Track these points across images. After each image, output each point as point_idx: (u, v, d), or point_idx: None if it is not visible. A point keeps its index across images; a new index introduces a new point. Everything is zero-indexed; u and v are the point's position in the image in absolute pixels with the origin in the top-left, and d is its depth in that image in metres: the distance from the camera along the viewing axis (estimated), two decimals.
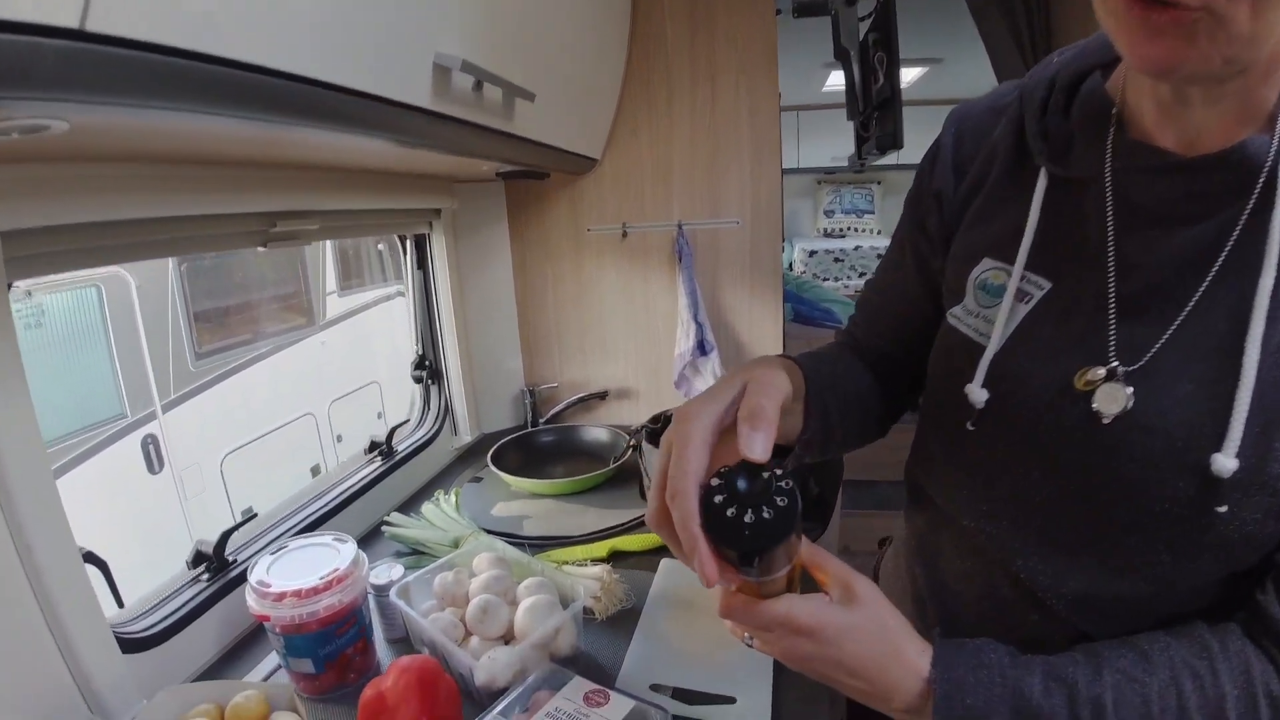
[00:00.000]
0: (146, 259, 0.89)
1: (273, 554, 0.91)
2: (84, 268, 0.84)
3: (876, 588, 0.55)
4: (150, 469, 3.28)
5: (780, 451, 0.68)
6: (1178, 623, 0.53)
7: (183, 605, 0.95)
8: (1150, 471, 0.50)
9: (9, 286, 0.72)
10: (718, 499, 0.45)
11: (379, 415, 4.26)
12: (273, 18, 0.54)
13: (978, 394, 0.59)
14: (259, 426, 3.79)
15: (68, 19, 0.38)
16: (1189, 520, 0.49)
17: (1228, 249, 0.48)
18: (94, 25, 0.39)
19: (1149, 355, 0.50)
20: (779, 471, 0.46)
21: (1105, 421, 0.51)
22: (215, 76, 0.51)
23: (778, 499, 0.45)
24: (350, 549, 0.90)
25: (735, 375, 0.54)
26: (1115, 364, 0.51)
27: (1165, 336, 0.50)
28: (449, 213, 1.54)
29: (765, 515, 0.44)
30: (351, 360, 4.39)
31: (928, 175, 0.69)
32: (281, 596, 0.83)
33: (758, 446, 0.48)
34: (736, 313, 1.68)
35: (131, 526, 3.02)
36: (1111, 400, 0.51)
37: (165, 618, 0.92)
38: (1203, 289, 0.49)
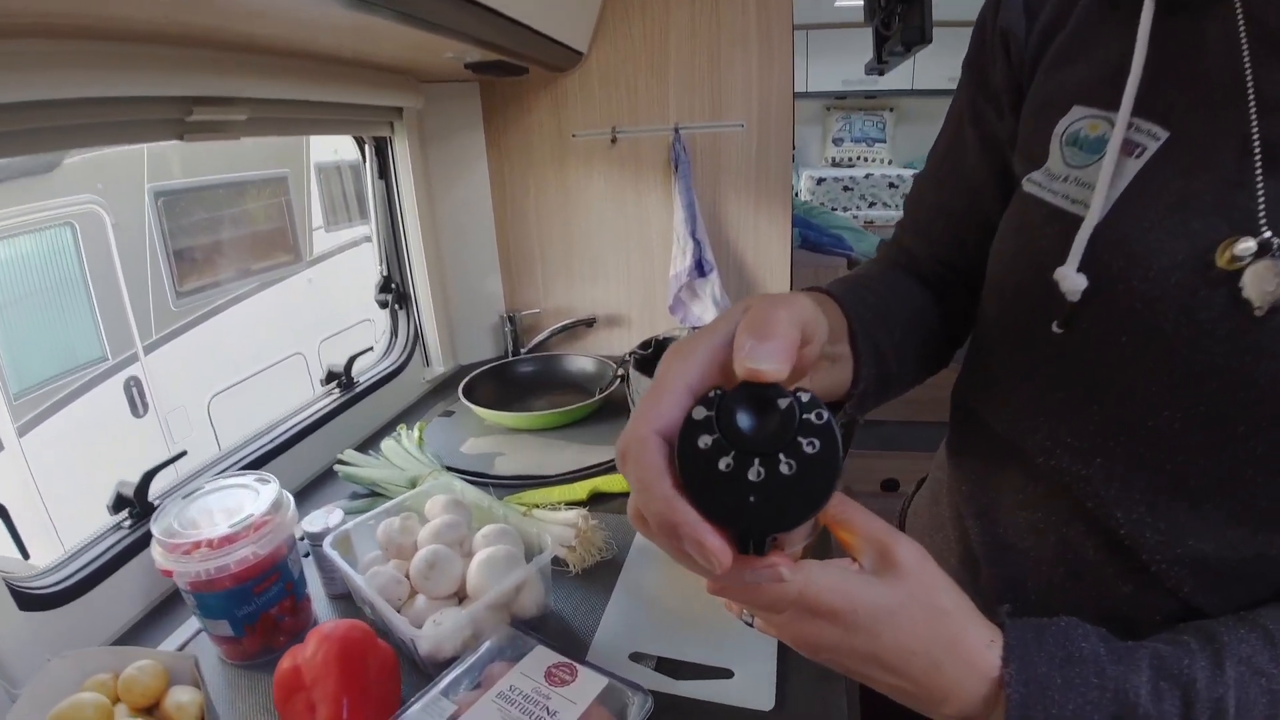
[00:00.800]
0: (34, 151, 0.74)
1: (185, 497, 0.76)
2: None
3: (924, 553, 0.39)
4: (134, 412, 3.19)
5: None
6: None
7: (99, 557, 0.82)
8: None
9: None
10: (704, 442, 0.28)
11: (371, 350, 4.14)
12: None
13: (1074, 280, 0.43)
14: (246, 367, 3.71)
15: None
16: None
17: None
18: None
19: None
20: (804, 395, 0.28)
21: (1258, 312, 0.37)
22: None
23: (805, 443, 0.27)
24: (272, 490, 0.75)
25: (740, 305, 0.37)
26: (1268, 233, 0.37)
27: None
28: (413, 113, 1.34)
29: (784, 470, 0.27)
30: (341, 298, 4.26)
31: (990, 18, 0.54)
32: (190, 548, 0.69)
33: (765, 355, 0.30)
34: (739, 229, 1.50)
35: (117, 470, 2.93)
36: (1266, 282, 0.37)
37: (78, 571, 0.79)
38: None
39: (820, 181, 4.49)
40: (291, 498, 0.75)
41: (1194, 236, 0.39)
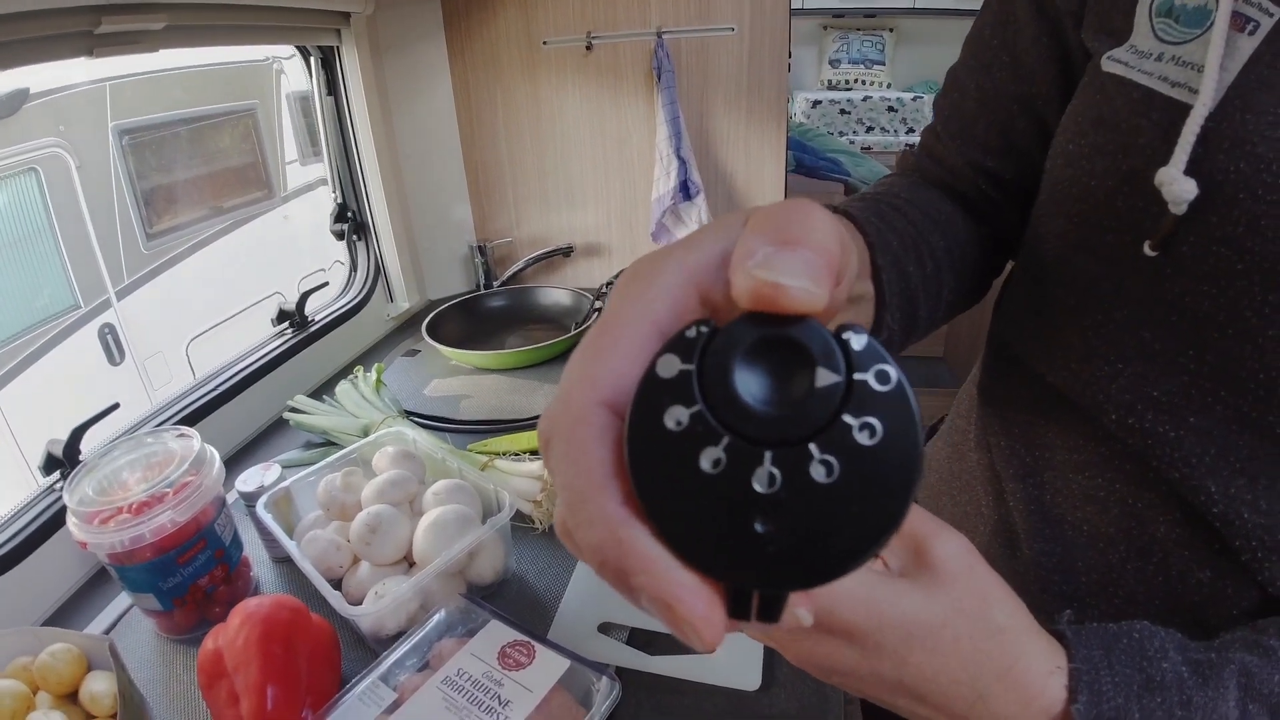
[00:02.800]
0: None
1: (99, 458, 0.67)
2: None
3: (971, 549, 0.29)
4: (111, 360, 3.10)
5: None
6: None
7: (29, 524, 0.74)
8: None
9: None
10: (676, 417, 0.16)
11: (326, 285, 4.04)
12: None
13: (1181, 185, 0.32)
14: (224, 309, 3.60)
15: None
16: None
17: None
18: None
19: None
20: (856, 338, 0.16)
21: None
22: None
23: (857, 424, 0.15)
24: (192, 446, 0.65)
25: (736, 213, 0.21)
26: None
27: None
28: (362, 19, 1.20)
29: (821, 473, 0.15)
30: (319, 235, 4.11)
31: None
32: (104, 518, 0.60)
33: (793, 266, 0.16)
34: (729, 146, 1.37)
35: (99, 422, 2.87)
36: None
37: (9, 540, 0.72)
38: None
39: (816, 104, 4.29)
40: (216, 454, 0.66)
41: None
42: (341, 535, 0.64)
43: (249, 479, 0.71)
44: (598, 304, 1.17)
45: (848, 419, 0.15)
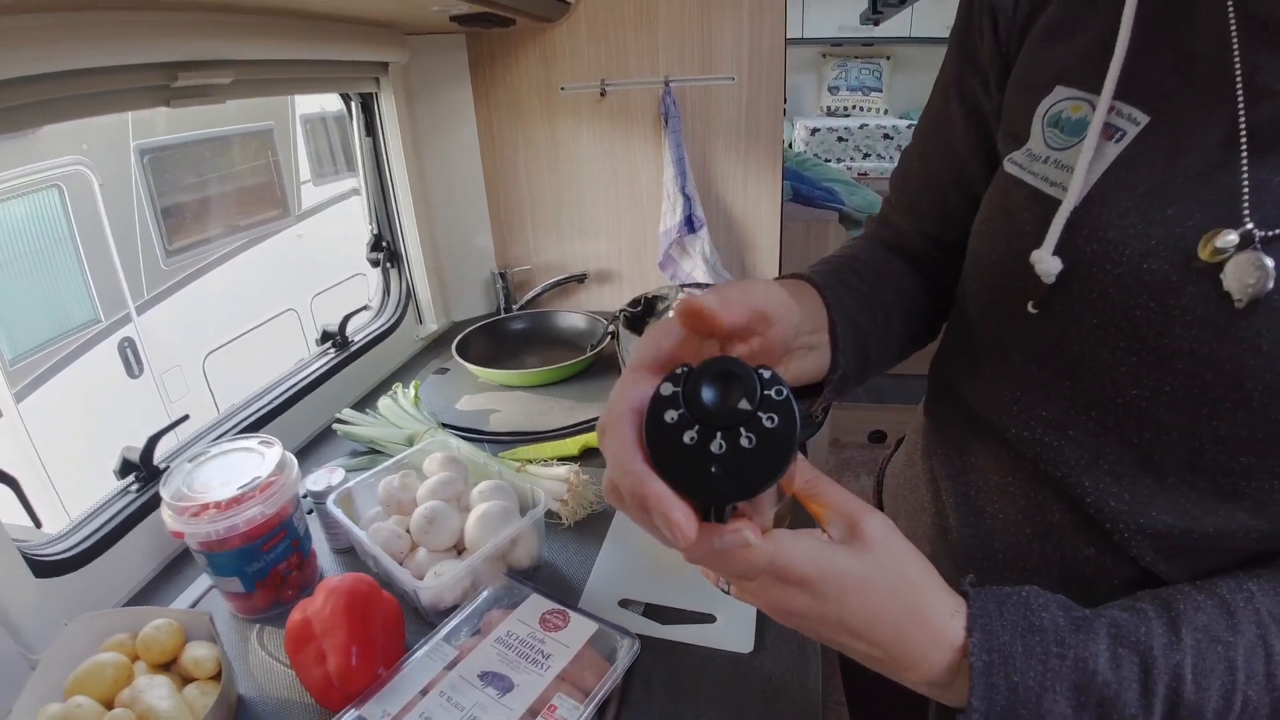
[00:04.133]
0: (18, 129, 0.74)
1: (191, 462, 0.78)
2: None
3: (891, 526, 0.40)
4: (130, 373, 3.19)
5: (808, 392, 0.54)
6: (1260, 562, 0.42)
7: (108, 522, 0.85)
8: None
9: None
10: (670, 416, 0.29)
11: (366, 308, 4.13)
12: None
13: (1049, 263, 0.43)
14: (240, 324, 3.70)
15: None
16: None
17: None
18: None
19: None
20: (765, 372, 0.30)
21: (1238, 304, 0.37)
22: None
23: (764, 418, 0.29)
24: (276, 452, 0.77)
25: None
26: (1250, 224, 0.37)
27: None
28: (399, 69, 1.33)
29: (744, 443, 0.28)
30: (332, 252, 4.23)
31: None
32: (199, 510, 0.72)
33: (721, 305, 0.32)
34: (730, 184, 1.50)
35: (115, 432, 2.96)
36: (1247, 277, 0.37)
37: (88, 537, 0.82)
38: None
39: (814, 132, 4.43)
40: (295, 459, 0.78)
41: (1169, 223, 0.40)
42: (401, 527, 0.76)
43: (317, 480, 0.83)
44: (610, 328, 1.29)
45: (760, 414, 0.29)
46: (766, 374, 0.29)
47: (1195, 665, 0.38)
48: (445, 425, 1.04)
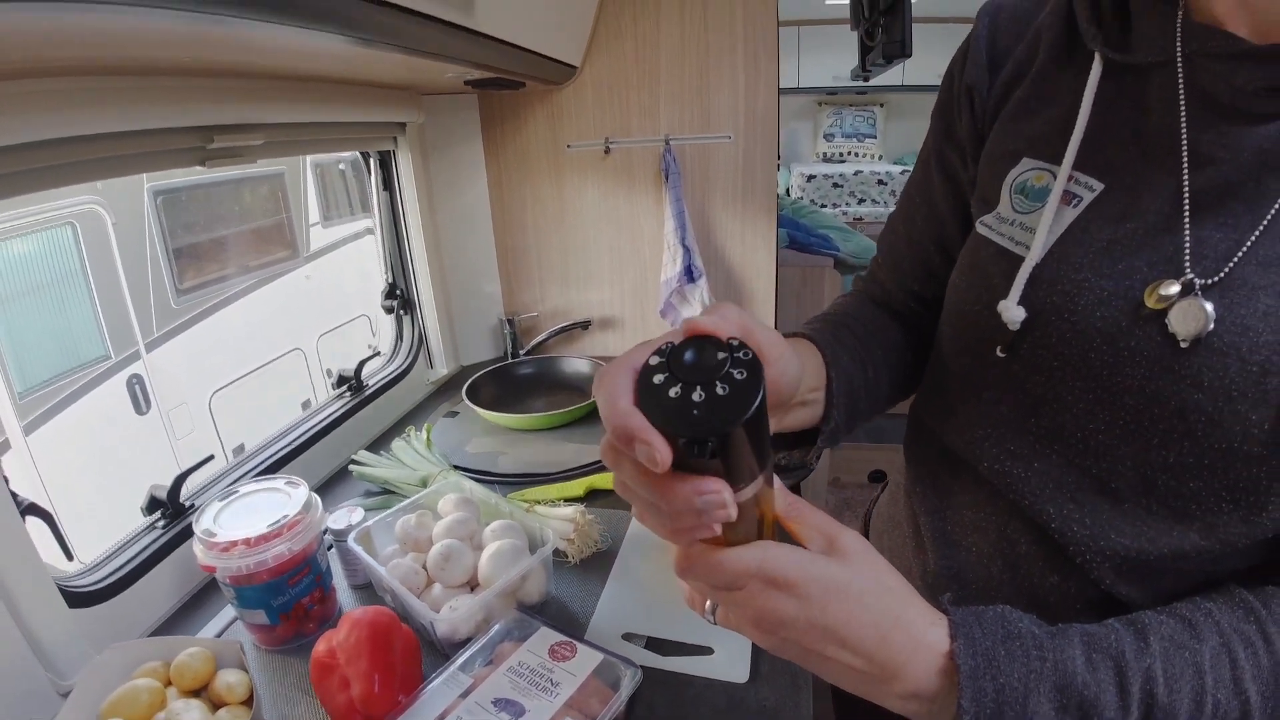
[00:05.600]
0: (73, 183, 0.80)
1: (221, 500, 0.84)
2: (8, 196, 0.75)
3: (867, 543, 0.44)
4: (137, 409, 3.23)
5: (801, 440, 0.60)
6: (1214, 587, 0.46)
7: (136, 555, 0.89)
8: (1224, 403, 0.43)
9: None
10: (657, 378, 0.34)
11: (370, 348, 4.18)
12: None
13: (1013, 312, 0.50)
14: (246, 363, 3.74)
15: None
16: (1261, 460, 0.42)
17: None
18: None
19: (1229, 267, 0.43)
20: (735, 341, 0.35)
21: (1183, 344, 0.43)
22: None
23: (735, 371, 0.33)
24: (302, 493, 0.83)
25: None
26: (1191, 276, 0.44)
27: (1247, 245, 0.43)
28: (415, 127, 1.42)
29: (719, 391, 0.33)
30: (339, 293, 4.30)
31: (958, 72, 0.61)
32: (229, 546, 0.77)
33: (706, 316, 0.36)
34: (727, 236, 1.58)
35: (120, 468, 3.00)
36: (1190, 320, 0.43)
37: (117, 569, 0.87)
38: None
39: (810, 179, 4.56)
40: (319, 499, 0.84)
41: (1120, 277, 0.46)
42: (417, 563, 0.81)
43: (339, 519, 0.88)
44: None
45: (730, 369, 0.34)
46: (735, 342, 0.35)
47: (1166, 670, 0.41)
48: (457, 467, 1.09)
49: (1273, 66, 0.43)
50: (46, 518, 0.87)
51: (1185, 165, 0.45)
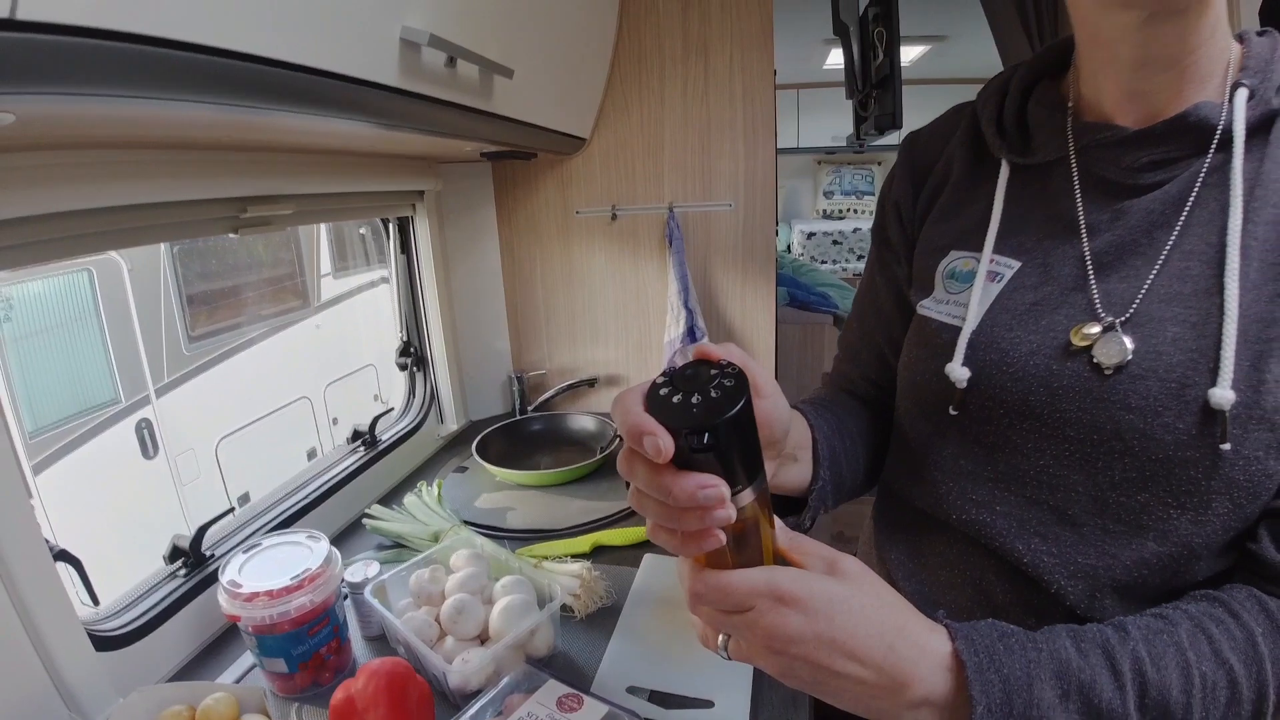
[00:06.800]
0: (113, 249, 0.86)
1: (245, 552, 0.88)
2: (49, 260, 0.81)
3: (864, 565, 0.48)
4: (145, 454, 3.26)
5: (794, 507, 0.66)
6: (1177, 595, 0.53)
7: (159, 602, 0.93)
8: (1152, 418, 0.50)
9: None
10: (663, 391, 0.41)
11: (375, 397, 4.24)
12: None
13: (959, 372, 0.59)
14: (254, 410, 3.78)
15: None
16: (1194, 464, 0.50)
17: (1190, 202, 0.53)
18: (26, 13, 0.36)
19: (1134, 306, 0.53)
20: (725, 362, 0.42)
21: (1108, 372, 0.52)
22: (159, 60, 0.48)
23: (724, 381, 0.41)
24: (323, 547, 0.87)
25: None
26: (1107, 318, 0.53)
27: (1145, 288, 0.53)
28: (432, 195, 1.50)
29: (712, 395, 0.40)
30: (347, 343, 4.37)
31: (887, 194, 0.73)
32: (253, 597, 0.81)
33: (720, 349, 0.44)
34: (728, 299, 1.65)
35: (126, 512, 3.02)
36: (1113, 350, 0.52)
37: (141, 615, 0.91)
38: (1172, 241, 0.53)
39: (810, 236, 4.68)
40: (339, 554, 0.88)
41: (1045, 330, 0.56)
42: (430, 616, 0.85)
43: (355, 572, 0.93)
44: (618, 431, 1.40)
45: (721, 380, 0.41)
46: (725, 363, 0.43)
47: (1150, 651, 0.46)
48: (467, 522, 1.13)
49: (1154, 145, 0.54)
50: (76, 564, 0.92)
51: (1084, 236, 0.56)
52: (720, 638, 0.49)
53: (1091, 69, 0.58)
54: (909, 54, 4.24)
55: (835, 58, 4.19)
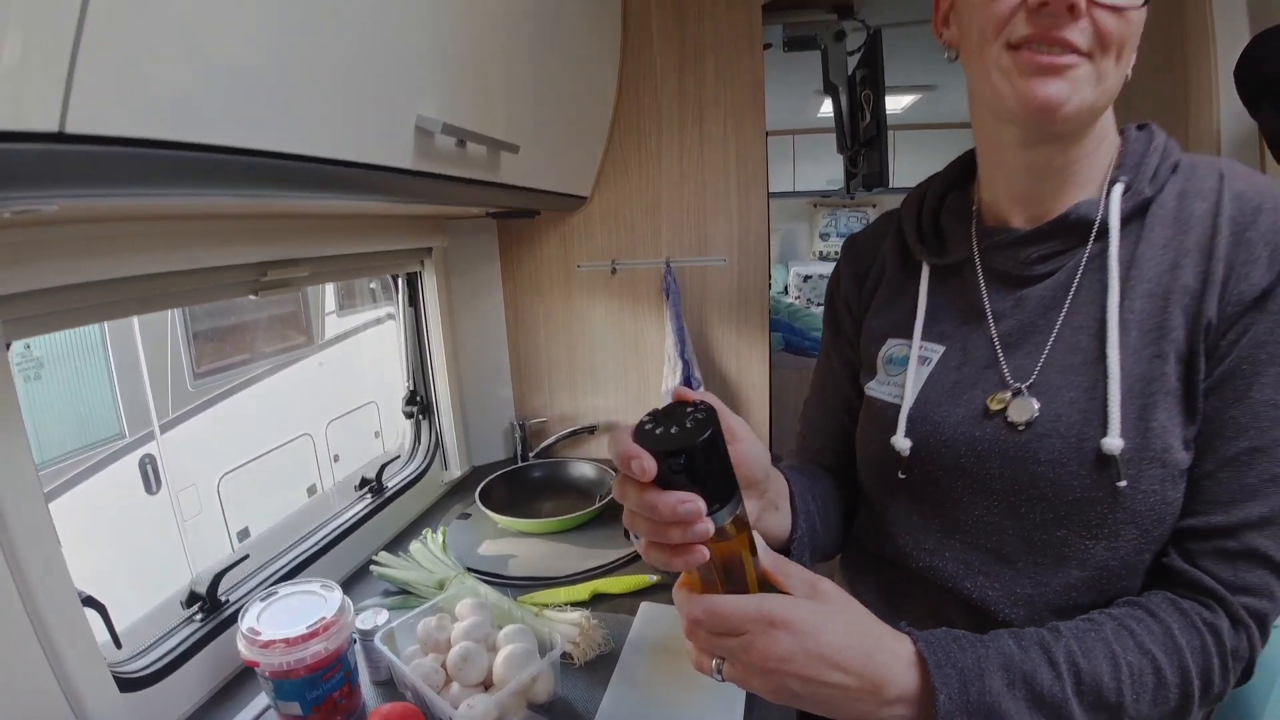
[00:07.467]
0: (138, 314, 0.91)
1: (263, 601, 0.93)
2: (79, 325, 0.87)
3: (840, 589, 0.56)
4: (148, 489, 3.28)
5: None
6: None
7: (177, 645, 0.98)
8: (1060, 468, 0.59)
9: (7, 346, 0.75)
10: (647, 425, 0.49)
11: (376, 435, 4.28)
12: (249, 98, 0.57)
13: (902, 443, 0.68)
14: (256, 447, 3.80)
15: (47, 123, 0.40)
16: (1099, 501, 0.58)
17: (1075, 285, 0.62)
18: (74, 127, 0.42)
19: (1035, 375, 0.63)
20: (698, 401, 0.50)
21: (1020, 430, 0.61)
22: (194, 162, 0.54)
23: (696, 415, 0.48)
24: (337, 597, 0.92)
25: None
26: (1017, 385, 0.63)
27: (1042, 360, 0.63)
28: (440, 251, 1.57)
29: (686, 425, 0.48)
30: (349, 380, 4.41)
31: (836, 290, 0.85)
32: (270, 643, 0.86)
33: (681, 391, 0.51)
34: (723, 349, 1.71)
35: (127, 546, 3.04)
36: (1023, 410, 0.62)
37: (161, 657, 0.95)
38: (1062, 319, 0.63)
39: (807, 278, 4.77)
40: (351, 602, 0.93)
41: (965, 404, 0.66)
42: (437, 663, 0.90)
43: (366, 620, 0.98)
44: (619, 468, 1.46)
45: (693, 414, 0.48)
46: (698, 401, 0.50)
47: (1080, 646, 0.54)
48: (470, 570, 1.18)
49: (1042, 241, 0.64)
50: (101, 609, 0.96)
51: (992, 322, 0.66)
52: (714, 662, 0.55)
53: (990, 176, 0.69)
54: (902, 102, 4.37)
55: (829, 107, 4.31)
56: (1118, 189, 0.62)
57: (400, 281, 1.56)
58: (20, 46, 0.38)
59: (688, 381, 1.63)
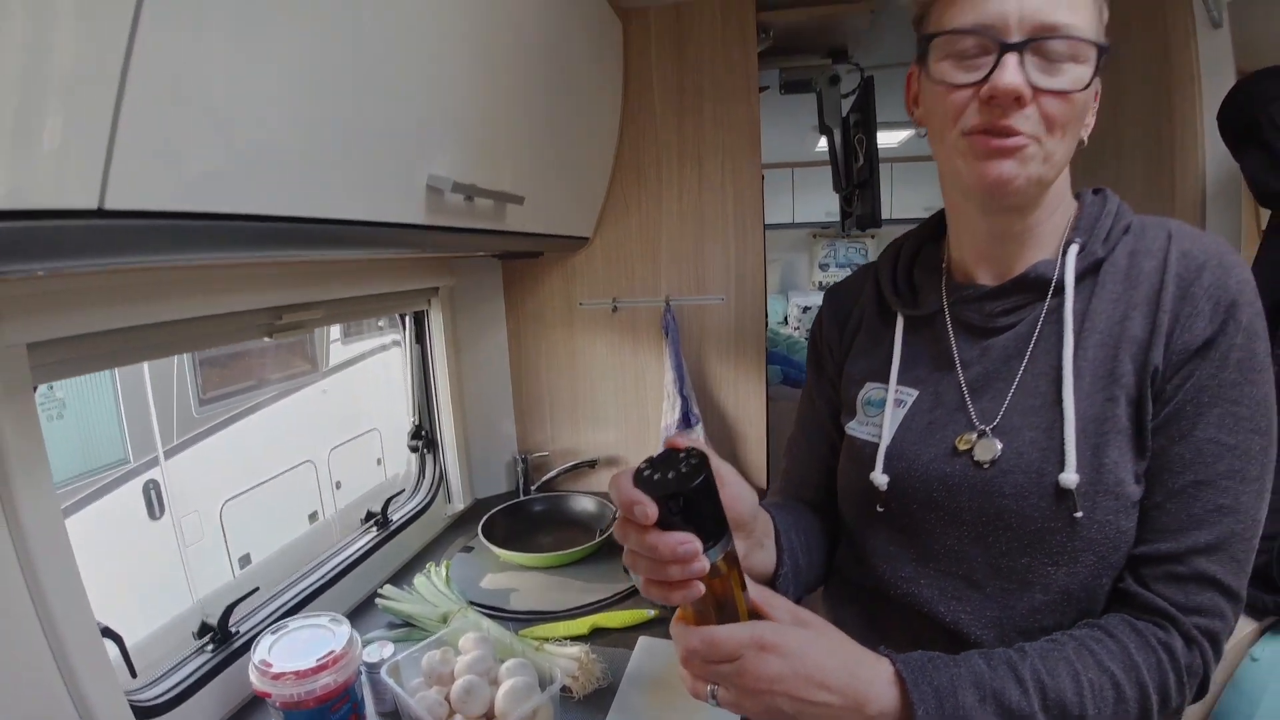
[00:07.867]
0: (160, 358, 0.95)
1: (274, 634, 0.97)
2: (101, 369, 0.91)
3: (821, 618, 0.61)
4: (151, 515, 3.31)
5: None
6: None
7: (190, 674, 1.01)
8: (1022, 501, 0.65)
9: (34, 389, 0.79)
10: (645, 472, 0.53)
11: (378, 462, 4.30)
12: (274, 169, 0.63)
13: (880, 479, 0.73)
14: (259, 474, 3.83)
15: (87, 202, 0.45)
16: (1059, 531, 0.64)
17: (1035, 337, 0.69)
18: (112, 204, 0.46)
19: (999, 418, 0.68)
20: (689, 448, 0.54)
21: (985, 468, 0.67)
22: (223, 230, 0.59)
23: (690, 461, 0.53)
24: (345, 631, 0.96)
25: None
26: (982, 427, 0.69)
27: (1005, 404, 0.69)
28: (446, 290, 1.62)
29: (681, 470, 0.52)
30: (352, 407, 4.45)
31: (819, 336, 0.91)
32: (282, 675, 0.90)
33: (672, 439, 0.57)
34: (721, 386, 1.76)
35: (130, 572, 3.06)
36: (987, 450, 0.67)
37: (174, 686, 0.98)
38: (1023, 367, 0.69)
39: (806, 309, 4.83)
40: (359, 636, 0.97)
41: (937, 443, 0.71)
42: (441, 695, 0.94)
43: (372, 653, 1.01)
44: (617, 513, 1.50)
45: (687, 460, 0.53)
46: (690, 449, 0.55)
47: (1045, 665, 0.58)
48: (473, 603, 1.22)
49: (1005, 297, 0.70)
50: (118, 641, 1.00)
51: (960, 369, 0.72)
52: (709, 688, 0.59)
53: (957, 238, 0.76)
54: (898, 136, 4.46)
55: (825, 143, 4.39)
56: (1073, 250, 0.68)
57: (408, 319, 1.61)
58: (61, 131, 0.42)
59: (686, 417, 1.67)
